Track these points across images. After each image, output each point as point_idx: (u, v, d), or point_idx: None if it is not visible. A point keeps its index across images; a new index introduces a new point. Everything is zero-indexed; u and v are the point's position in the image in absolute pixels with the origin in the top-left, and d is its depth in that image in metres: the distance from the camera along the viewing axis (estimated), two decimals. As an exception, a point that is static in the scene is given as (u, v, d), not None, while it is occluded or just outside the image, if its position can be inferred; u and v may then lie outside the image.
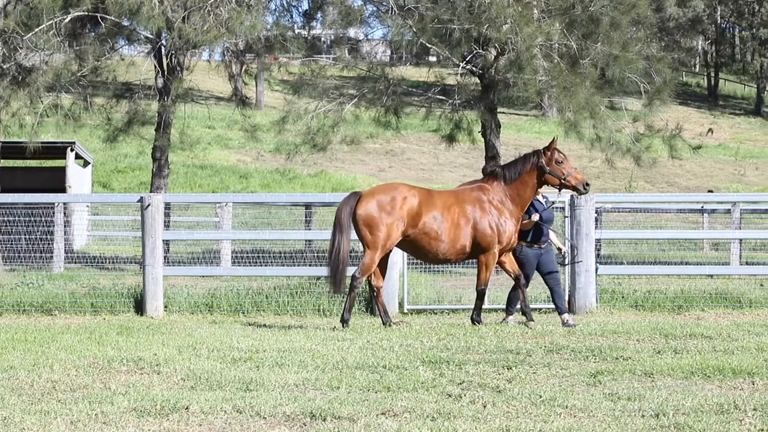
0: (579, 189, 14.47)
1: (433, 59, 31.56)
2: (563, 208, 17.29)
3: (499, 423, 7.66)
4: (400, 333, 13.03)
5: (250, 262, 21.89)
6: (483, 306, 14.78)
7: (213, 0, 26.56)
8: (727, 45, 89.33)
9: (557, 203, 16.10)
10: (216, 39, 26.86)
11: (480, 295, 14.48)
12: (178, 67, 28.31)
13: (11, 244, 19.89)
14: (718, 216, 30.23)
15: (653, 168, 30.11)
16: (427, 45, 27.12)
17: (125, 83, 30.57)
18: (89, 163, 37.50)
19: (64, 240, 22.96)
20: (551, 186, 14.48)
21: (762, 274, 21.68)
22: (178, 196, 34.57)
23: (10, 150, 31.53)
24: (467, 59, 26.65)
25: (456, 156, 52.89)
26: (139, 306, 17.02)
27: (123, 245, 28.95)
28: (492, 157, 27.17)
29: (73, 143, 31.97)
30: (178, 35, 26.31)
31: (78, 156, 33.65)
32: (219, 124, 57.72)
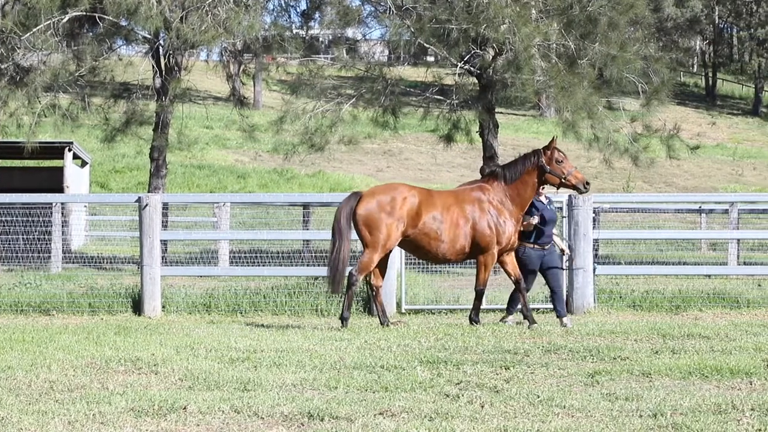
0: (579, 188, 14.44)
1: (431, 59, 31.53)
2: (561, 208, 17.28)
3: (497, 423, 7.66)
4: (397, 333, 13.03)
5: (247, 262, 21.87)
6: (481, 306, 14.78)
7: (211, 0, 26.56)
8: (725, 45, 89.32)
9: (555, 203, 16.08)
10: (214, 39, 26.84)
11: (478, 295, 14.48)
12: (175, 67, 28.31)
13: (9, 244, 19.86)
14: (715, 216, 30.25)
15: (651, 168, 30.12)
16: (425, 45, 27.11)
17: (123, 83, 30.57)
18: (87, 163, 37.44)
19: (61, 240, 22.94)
20: (551, 185, 14.47)
21: (760, 274, 21.67)
22: (175, 196, 34.54)
23: (7, 150, 31.57)
24: (465, 59, 26.64)
25: (454, 156, 52.90)
26: (137, 306, 17.01)
27: (121, 245, 28.95)
28: (490, 158, 27.17)
29: (71, 143, 31.93)
30: (176, 35, 26.30)
31: (76, 156, 33.60)
32: (217, 124, 57.69)
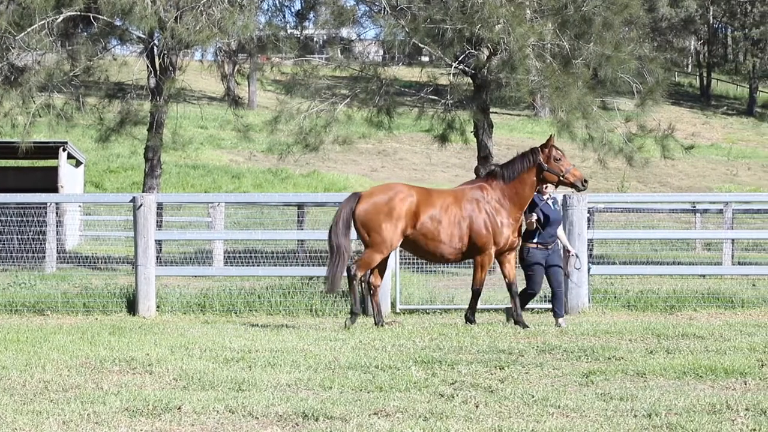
0: (577, 186, 14.37)
1: (426, 59, 31.56)
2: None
3: (492, 423, 7.66)
4: (392, 333, 13.03)
5: (242, 262, 21.87)
6: (477, 306, 14.78)
7: (205, 0, 26.54)
8: (720, 45, 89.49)
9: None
10: (208, 39, 26.82)
11: (475, 295, 14.49)
12: (170, 67, 28.27)
13: (3, 244, 19.83)
14: (710, 216, 30.27)
15: (645, 168, 30.13)
16: (420, 45, 27.10)
17: (117, 83, 30.53)
18: (81, 163, 37.46)
19: (56, 240, 22.93)
20: (549, 183, 14.43)
21: (754, 274, 21.68)
22: (170, 196, 34.51)
23: (2, 150, 31.58)
24: (460, 59, 26.64)
25: (448, 156, 52.91)
26: (132, 306, 16.99)
27: (115, 245, 28.92)
28: (484, 158, 27.17)
29: (66, 143, 31.92)
30: (170, 35, 26.27)
31: (70, 156, 33.60)
32: (211, 124, 57.67)
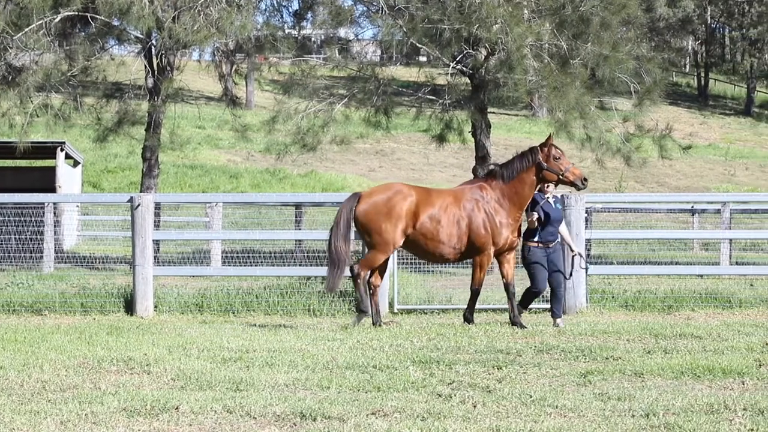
0: (577, 184, 14.33)
1: (424, 59, 31.54)
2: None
3: (489, 423, 7.66)
4: (390, 333, 13.03)
5: (240, 262, 21.85)
6: (475, 306, 14.78)
7: (203, 0, 26.53)
8: (717, 45, 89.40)
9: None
10: (206, 39, 26.82)
11: (474, 295, 14.49)
12: (168, 67, 28.26)
13: (1, 244, 19.82)
14: (708, 216, 30.28)
15: (643, 168, 30.14)
16: (418, 45, 27.11)
17: (115, 83, 30.52)
18: (79, 163, 37.42)
19: (54, 240, 22.90)
20: (549, 182, 14.42)
21: (752, 274, 21.68)
22: (168, 196, 34.51)
23: (-1, 150, 31.52)
24: (457, 59, 26.65)
25: (446, 156, 52.88)
26: (129, 306, 16.98)
27: (113, 245, 28.90)
28: (482, 157, 27.17)
29: (63, 143, 31.90)
30: (168, 35, 26.26)
31: (68, 156, 33.58)
32: (209, 124, 57.61)
